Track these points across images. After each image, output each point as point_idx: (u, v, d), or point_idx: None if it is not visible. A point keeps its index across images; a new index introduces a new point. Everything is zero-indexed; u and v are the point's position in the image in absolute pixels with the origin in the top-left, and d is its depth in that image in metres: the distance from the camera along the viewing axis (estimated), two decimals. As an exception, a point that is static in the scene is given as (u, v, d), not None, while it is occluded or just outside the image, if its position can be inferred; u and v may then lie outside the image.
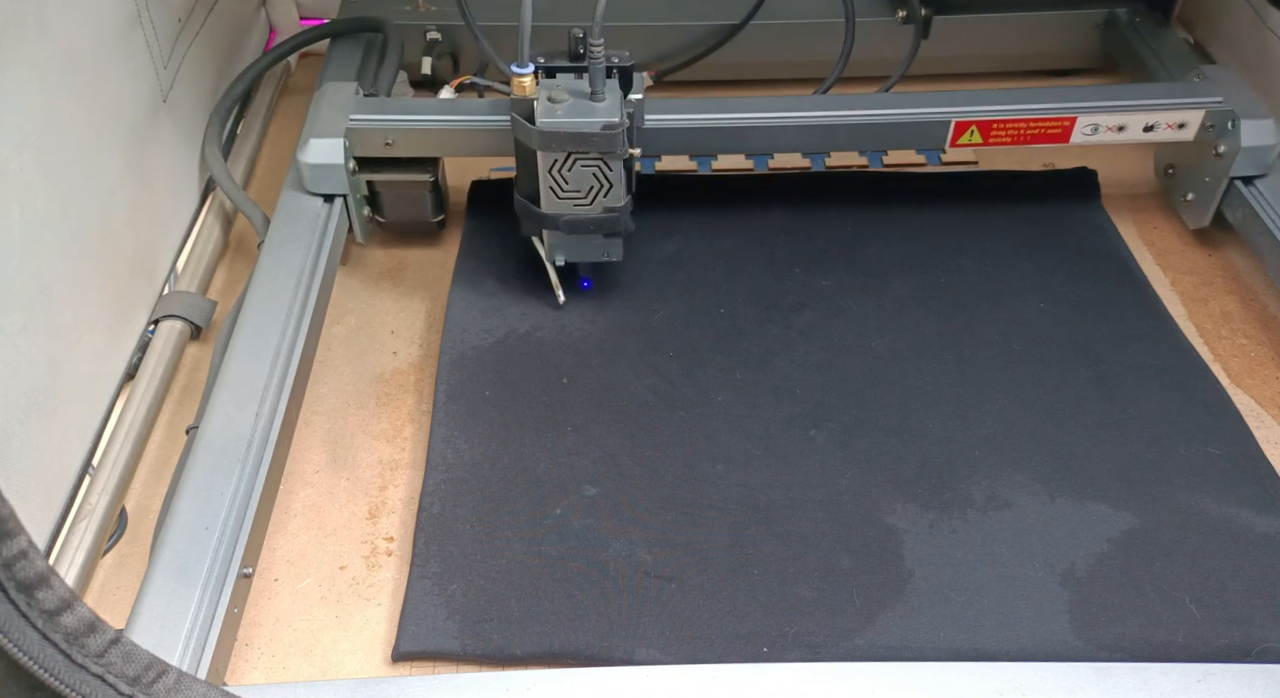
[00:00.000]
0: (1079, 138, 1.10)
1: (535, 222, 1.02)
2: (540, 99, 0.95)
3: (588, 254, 1.05)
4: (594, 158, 0.96)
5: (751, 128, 1.10)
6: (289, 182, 1.10)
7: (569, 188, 0.98)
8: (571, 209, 1.00)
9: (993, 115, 1.10)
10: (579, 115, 0.94)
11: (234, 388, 0.90)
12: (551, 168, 0.97)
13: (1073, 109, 1.10)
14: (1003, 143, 1.11)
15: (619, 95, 0.97)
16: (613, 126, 0.94)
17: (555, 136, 0.94)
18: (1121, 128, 1.09)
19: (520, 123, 0.96)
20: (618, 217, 1.00)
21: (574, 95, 0.96)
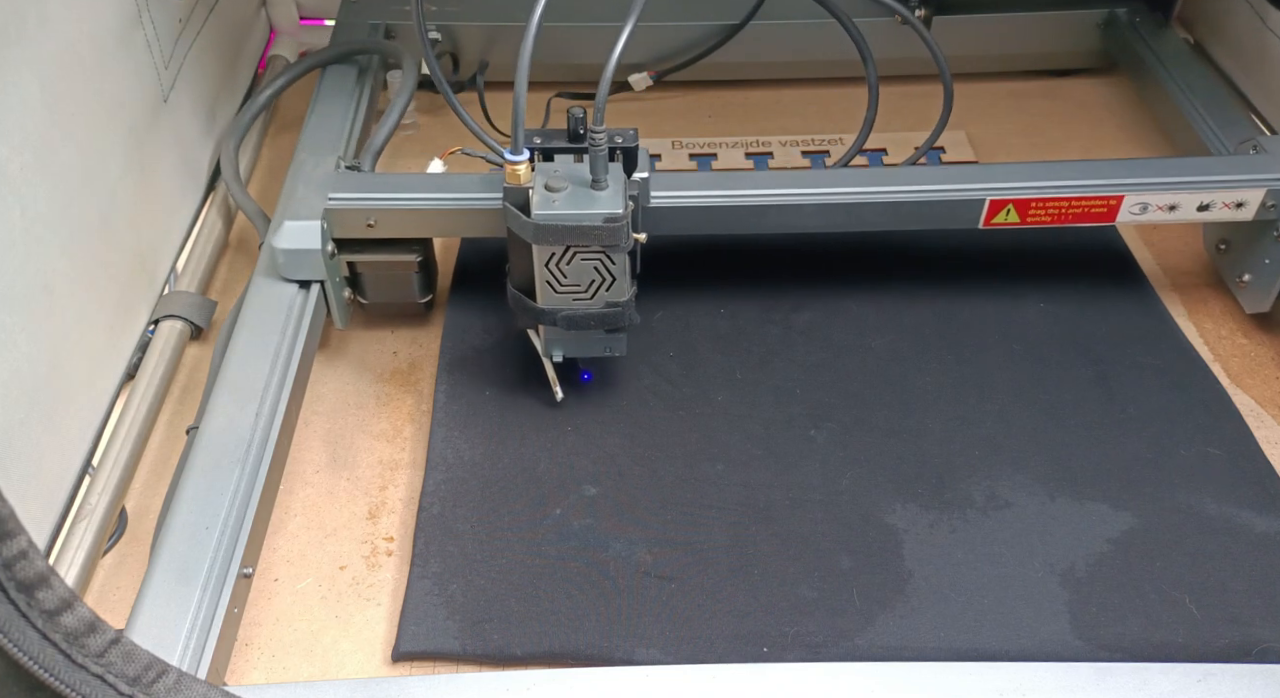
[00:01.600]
0: (1126, 217, 1.00)
1: (530, 315, 0.93)
2: (536, 187, 0.87)
3: (588, 349, 0.96)
4: (595, 251, 0.87)
5: (770, 206, 1.00)
6: (261, 265, 1.00)
7: (568, 282, 0.89)
8: (570, 304, 0.91)
9: (1031, 193, 1.00)
10: (579, 206, 0.85)
11: (234, 388, 0.90)
12: (548, 262, 0.88)
13: (1120, 186, 1.00)
14: (1041, 222, 1.01)
15: (622, 181, 0.88)
16: (616, 219, 0.85)
17: (552, 230, 0.85)
18: (1173, 207, 0.99)
19: (513, 213, 0.87)
20: (621, 311, 0.91)
21: (573, 183, 0.87)
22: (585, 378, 1.00)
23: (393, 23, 1.38)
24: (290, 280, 0.98)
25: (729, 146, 1.33)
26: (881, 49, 1.41)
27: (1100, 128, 1.38)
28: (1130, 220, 0.99)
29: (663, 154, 1.32)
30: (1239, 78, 1.37)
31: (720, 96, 1.43)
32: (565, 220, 0.85)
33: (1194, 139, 1.21)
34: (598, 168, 0.86)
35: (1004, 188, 1.00)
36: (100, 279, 0.95)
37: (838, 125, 1.38)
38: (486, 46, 1.40)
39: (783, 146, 1.33)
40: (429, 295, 1.07)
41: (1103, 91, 1.44)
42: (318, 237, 0.96)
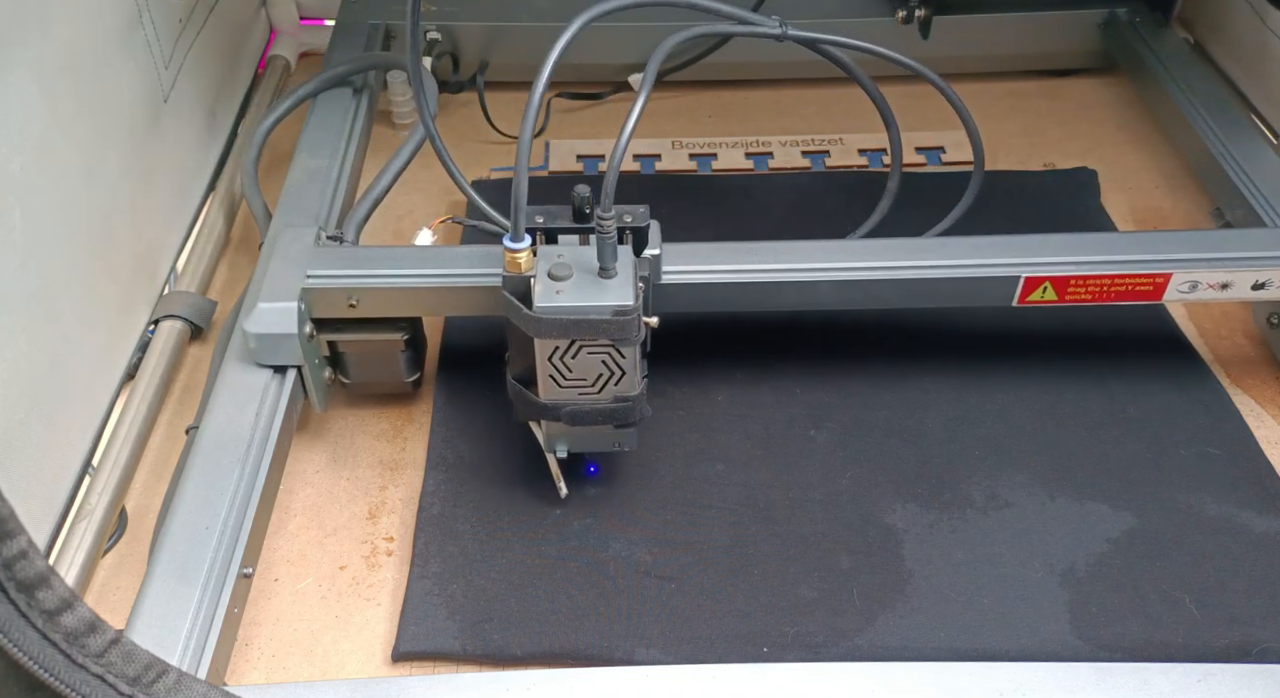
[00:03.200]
0: (1174, 295, 0.93)
1: (532, 410, 0.85)
2: (539, 275, 0.79)
3: (595, 445, 0.88)
4: (603, 345, 0.80)
5: (786, 283, 0.92)
6: (233, 349, 0.93)
7: (573, 376, 0.82)
8: (575, 399, 0.83)
9: (1070, 270, 0.91)
10: (585, 297, 0.78)
11: (234, 388, 0.90)
12: (551, 356, 0.80)
13: (1168, 263, 0.92)
14: (1081, 300, 0.93)
15: (632, 268, 0.80)
16: (626, 311, 0.77)
17: (556, 324, 0.78)
18: (1226, 286, 0.92)
19: (513, 304, 0.79)
20: (631, 406, 0.83)
21: (579, 270, 0.80)
22: (592, 472, 0.93)
23: (393, 23, 1.38)
24: (265, 366, 0.91)
25: (729, 147, 1.33)
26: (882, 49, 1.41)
27: (1100, 128, 1.38)
28: (1178, 299, 0.93)
29: (663, 154, 1.33)
30: (1239, 78, 1.37)
31: (720, 96, 1.43)
32: (570, 313, 0.78)
33: (1194, 139, 1.21)
34: (605, 256, 0.79)
35: (1040, 263, 0.92)
36: (100, 279, 0.95)
37: (838, 125, 1.38)
38: (486, 46, 1.40)
39: (783, 147, 1.34)
40: (416, 374, 0.99)
41: (1103, 91, 1.44)
42: (294, 319, 0.88)
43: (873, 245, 0.97)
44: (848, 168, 1.31)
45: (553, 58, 0.77)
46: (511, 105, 1.41)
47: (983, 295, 0.93)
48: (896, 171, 1.08)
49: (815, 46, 0.99)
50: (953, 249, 0.94)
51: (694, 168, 1.31)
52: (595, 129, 1.38)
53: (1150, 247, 0.94)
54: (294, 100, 1.19)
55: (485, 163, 1.31)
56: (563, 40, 0.77)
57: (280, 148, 1.25)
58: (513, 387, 0.86)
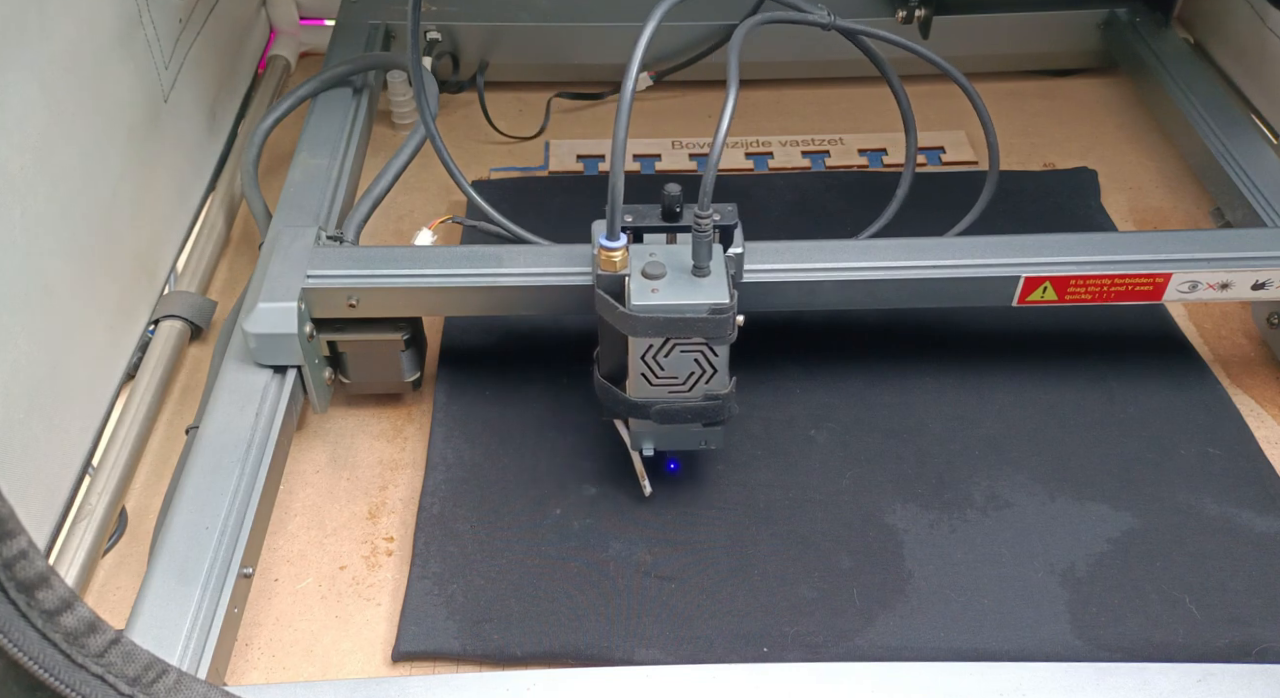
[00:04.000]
0: (1174, 295, 0.93)
1: (621, 408, 0.86)
2: (634, 275, 0.80)
3: (682, 443, 0.88)
4: (697, 343, 0.80)
5: (786, 283, 0.92)
6: (233, 349, 0.93)
7: (665, 374, 0.82)
8: (666, 397, 0.84)
9: (1070, 270, 0.92)
10: (681, 296, 0.78)
11: (234, 388, 0.90)
12: (645, 354, 0.81)
13: (1168, 263, 0.92)
14: (1081, 300, 0.93)
15: (725, 267, 0.81)
16: (722, 310, 0.78)
17: (652, 322, 0.78)
18: (1225, 285, 0.92)
19: (607, 302, 0.80)
20: (721, 404, 0.84)
21: (672, 269, 0.80)
22: (672, 468, 0.93)
23: (393, 23, 1.38)
24: (265, 366, 0.91)
25: (729, 146, 1.33)
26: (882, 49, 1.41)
27: (1100, 128, 1.38)
28: (1178, 298, 0.94)
29: (663, 154, 1.33)
30: (1239, 78, 1.37)
31: (720, 96, 1.42)
32: (667, 311, 0.78)
33: (1194, 139, 1.21)
34: (701, 255, 0.79)
35: (1040, 263, 0.92)
36: (100, 279, 0.95)
37: (838, 125, 1.38)
38: (486, 46, 1.40)
39: (783, 147, 1.34)
40: (417, 374, 0.99)
41: (1103, 91, 1.44)
42: (294, 319, 0.88)
43: (873, 245, 0.96)
44: (848, 168, 1.31)
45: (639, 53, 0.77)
46: (512, 105, 1.41)
47: (983, 295, 0.93)
48: (909, 174, 1.08)
49: (856, 39, 1.00)
50: (953, 249, 0.94)
51: (694, 168, 1.31)
52: (595, 129, 1.38)
53: (1150, 247, 0.94)
54: (294, 100, 1.19)
55: (485, 163, 1.31)
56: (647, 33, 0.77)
57: (280, 148, 1.25)
58: (601, 385, 0.87)
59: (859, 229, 1.08)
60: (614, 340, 0.83)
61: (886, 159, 1.32)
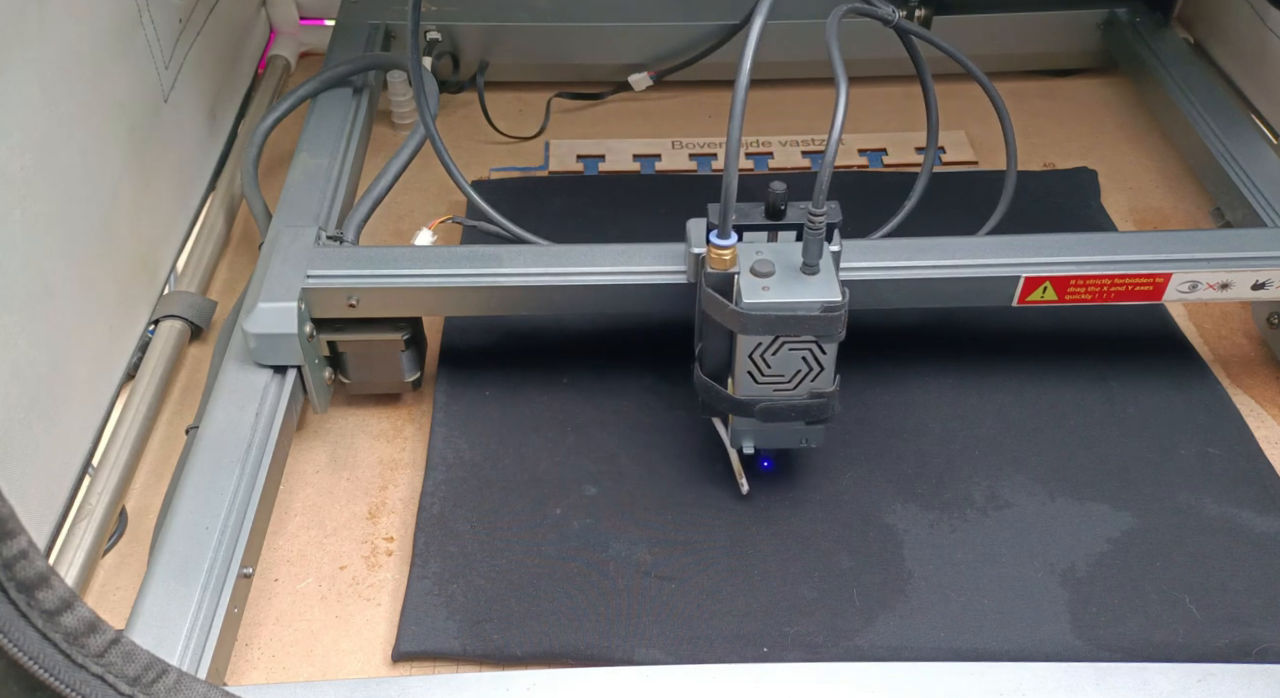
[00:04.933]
0: (1174, 295, 0.93)
1: (723, 405, 0.86)
2: (743, 272, 0.80)
3: (782, 441, 0.88)
4: (807, 341, 0.80)
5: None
6: (233, 349, 0.93)
7: (771, 372, 0.82)
8: (770, 395, 0.84)
9: (1070, 270, 0.92)
10: (792, 294, 0.78)
11: (234, 388, 0.90)
12: (753, 352, 0.81)
13: (1168, 263, 0.92)
14: (1081, 300, 0.93)
15: (833, 266, 0.81)
16: (835, 307, 0.78)
17: (764, 320, 0.78)
18: (1225, 285, 0.92)
19: (715, 300, 0.80)
20: (826, 402, 0.84)
21: (781, 266, 0.80)
22: (766, 466, 0.93)
23: (393, 23, 1.38)
24: (265, 366, 0.91)
25: (729, 147, 1.33)
26: (881, 49, 1.41)
27: (1100, 128, 1.38)
28: (1178, 298, 0.94)
29: (663, 154, 1.32)
30: (1239, 78, 1.37)
31: (720, 96, 1.43)
32: (779, 310, 0.78)
33: (1194, 139, 1.21)
34: (812, 252, 0.79)
35: (1040, 263, 0.92)
36: (101, 279, 0.95)
37: (838, 125, 1.38)
38: (486, 46, 1.40)
39: (783, 147, 1.34)
40: (417, 374, 0.99)
41: (1103, 91, 1.44)
42: (294, 319, 0.89)
43: (873, 245, 0.96)
44: (848, 168, 1.31)
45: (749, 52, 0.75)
46: (512, 105, 1.41)
47: (983, 295, 0.93)
48: (925, 175, 1.07)
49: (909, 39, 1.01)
50: (953, 249, 0.94)
51: (694, 168, 1.31)
52: (595, 129, 1.38)
53: (1150, 247, 0.94)
54: (294, 100, 1.19)
55: (485, 163, 1.31)
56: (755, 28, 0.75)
57: (280, 148, 1.25)
58: (703, 383, 0.87)
59: (859, 229, 1.08)
60: (718, 338, 0.84)
61: (886, 159, 1.32)
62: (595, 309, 0.93)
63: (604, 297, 0.92)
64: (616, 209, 1.22)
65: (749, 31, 0.74)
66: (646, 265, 0.92)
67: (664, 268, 0.92)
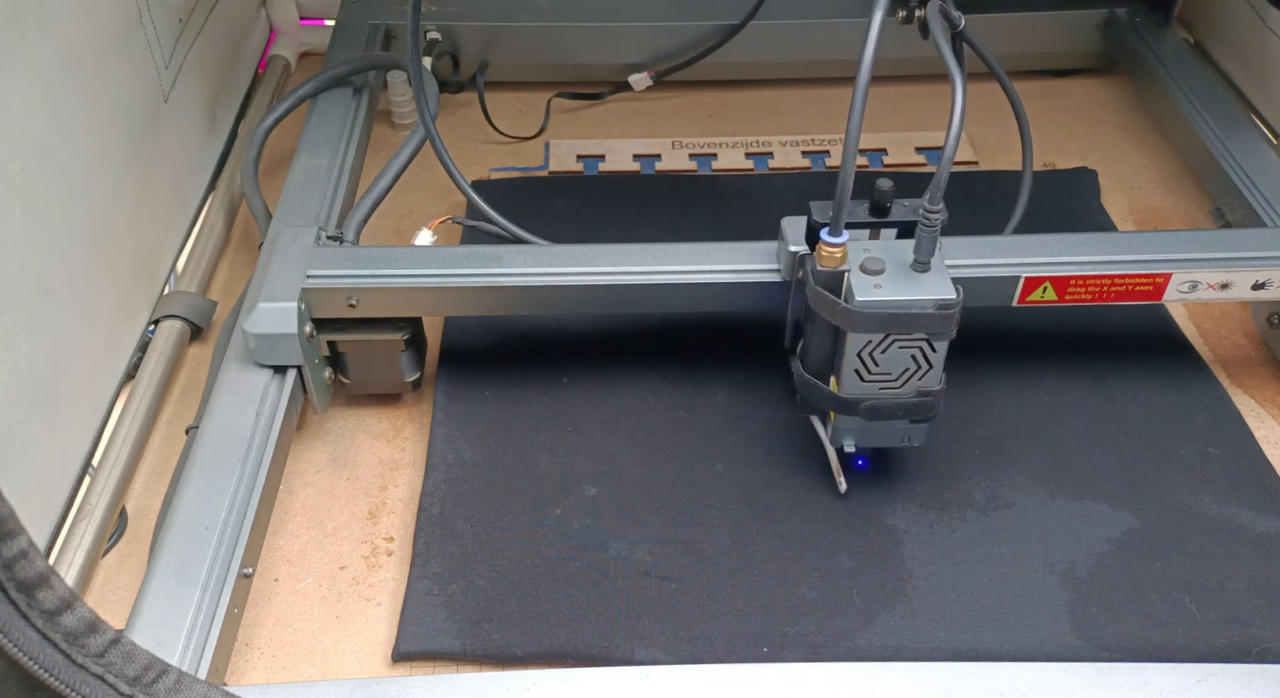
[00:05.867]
0: (1174, 295, 0.93)
1: (827, 403, 0.86)
2: (853, 270, 0.80)
3: (884, 439, 0.88)
4: (917, 339, 0.80)
5: (786, 283, 0.91)
6: (233, 349, 0.93)
7: (878, 370, 0.82)
8: (876, 393, 0.84)
9: (1070, 270, 0.91)
10: (905, 291, 0.79)
11: (234, 388, 0.90)
12: (862, 350, 0.81)
13: (1168, 263, 0.92)
14: (1081, 300, 0.93)
15: (943, 263, 0.81)
16: (948, 305, 0.78)
17: (876, 318, 0.79)
18: (1225, 285, 0.92)
19: (824, 297, 0.80)
20: (932, 401, 0.84)
21: (891, 264, 0.80)
22: (861, 465, 0.93)
23: (393, 23, 1.38)
24: (265, 366, 0.91)
25: (729, 146, 1.33)
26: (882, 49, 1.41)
27: (1100, 128, 1.38)
28: (1178, 298, 0.94)
29: (663, 154, 1.32)
30: (1239, 78, 1.37)
31: (720, 96, 1.43)
32: (892, 307, 0.78)
33: (1194, 139, 1.21)
34: (924, 248, 0.79)
35: (1040, 263, 0.92)
36: (100, 279, 0.95)
37: (838, 125, 1.38)
38: (486, 46, 1.40)
39: (783, 147, 1.34)
40: (417, 374, 0.99)
41: (1103, 91, 1.44)
42: (294, 319, 0.88)
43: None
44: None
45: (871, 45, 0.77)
46: (511, 105, 1.41)
47: (983, 295, 0.93)
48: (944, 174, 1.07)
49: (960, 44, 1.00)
50: (953, 249, 0.94)
51: (694, 168, 1.31)
52: (595, 129, 1.38)
53: (1150, 247, 0.94)
54: (294, 100, 1.19)
55: (485, 163, 1.31)
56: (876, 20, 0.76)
57: (280, 148, 1.25)
58: (805, 381, 0.87)
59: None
60: (824, 336, 0.84)
61: (886, 159, 1.32)
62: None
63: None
64: (616, 209, 1.22)
65: (870, 23, 0.75)
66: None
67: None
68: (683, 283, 0.92)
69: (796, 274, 0.88)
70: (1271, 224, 1.06)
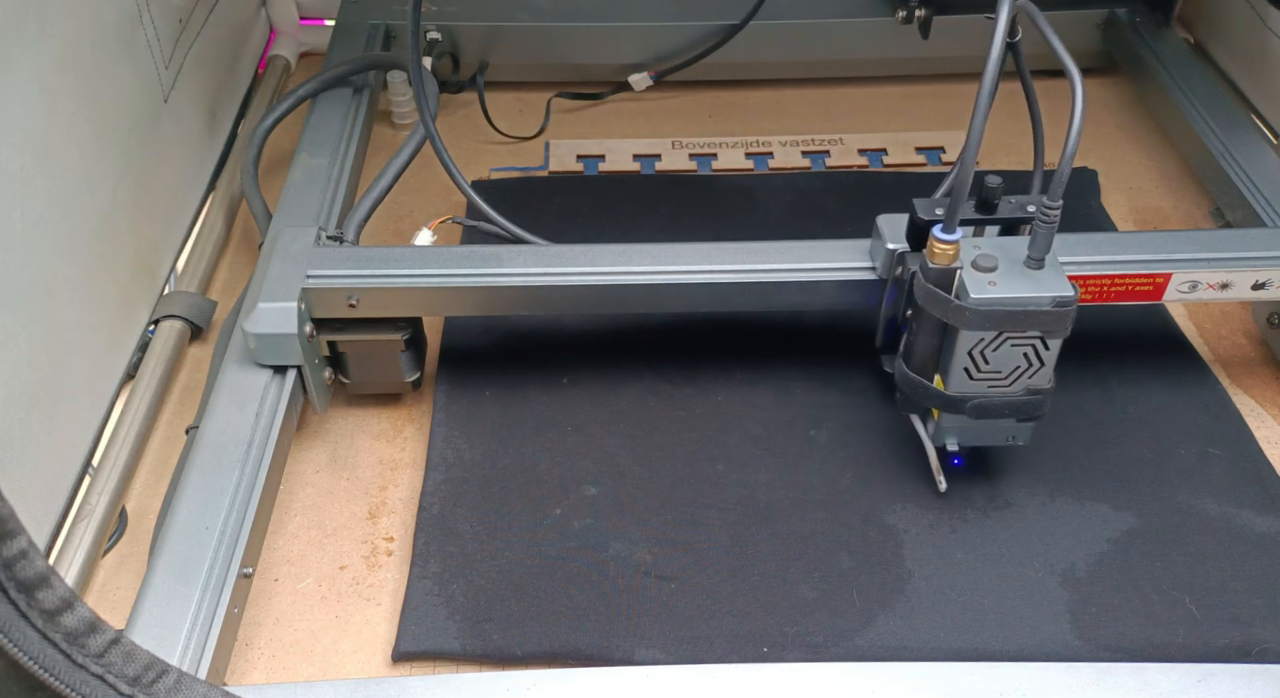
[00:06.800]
0: (1173, 295, 0.93)
1: (931, 401, 0.85)
2: (965, 267, 0.80)
3: (988, 438, 0.88)
4: (1031, 337, 0.80)
5: (786, 283, 0.92)
6: (233, 349, 0.93)
7: (988, 368, 0.82)
8: (984, 391, 0.83)
9: (1070, 270, 0.89)
10: (1020, 289, 0.78)
11: (234, 388, 0.90)
12: (974, 348, 0.81)
13: (1168, 263, 0.92)
14: (1081, 300, 0.90)
15: (1057, 260, 0.81)
16: (1066, 302, 0.78)
17: (991, 315, 0.78)
18: (1225, 285, 0.92)
19: (936, 295, 0.80)
20: (1042, 399, 0.83)
21: (1003, 261, 0.80)
22: (957, 463, 0.92)
23: (393, 23, 1.38)
24: (265, 366, 0.91)
25: (729, 146, 1.33)
26: (882, 49, 1.42)
27: (1100, 128, 1.38)
28: (1178, 298, 0.94)
29: (663, 154, 1.32)
30: (1239, 78, 1.37)
31: (720, 96, 1.43)
32: (1008, 305, 0.78)
33: (1194, 139, 1.21)
34: (1040, 245, 0.79)
35: None
36: (100, 279, 0.95)
37: (838, 125, 1.38)
38: (486, 46, 1.40)
39: (783, 147, 1.34)
40: (417, 374, 0.99)
41: (1103, 91, 1.44)
42: (294, 319, 0.88)
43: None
44: (848, 168, 1.31)
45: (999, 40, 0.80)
46: (512, 105, 1.41)
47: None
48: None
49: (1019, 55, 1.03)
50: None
51: (694, 168, 1.31)
52: (595, 129, 1.38)
53: (1150, 247, 0.94)
54: (294, 100, 1.19)
55: (485, 163, 1.31)
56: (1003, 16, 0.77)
57: (280, 148, 1.25)
58: (908, 379, 0.86)
59: (859, 229, 1.08)
60: (930, 334, 0.83)
61: (886, 159, 1.32)
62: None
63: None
64: (616, 209, 1.22)
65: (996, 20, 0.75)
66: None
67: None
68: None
69: (894, 272, 0.88)
70: (1271, 224, 1.06)
